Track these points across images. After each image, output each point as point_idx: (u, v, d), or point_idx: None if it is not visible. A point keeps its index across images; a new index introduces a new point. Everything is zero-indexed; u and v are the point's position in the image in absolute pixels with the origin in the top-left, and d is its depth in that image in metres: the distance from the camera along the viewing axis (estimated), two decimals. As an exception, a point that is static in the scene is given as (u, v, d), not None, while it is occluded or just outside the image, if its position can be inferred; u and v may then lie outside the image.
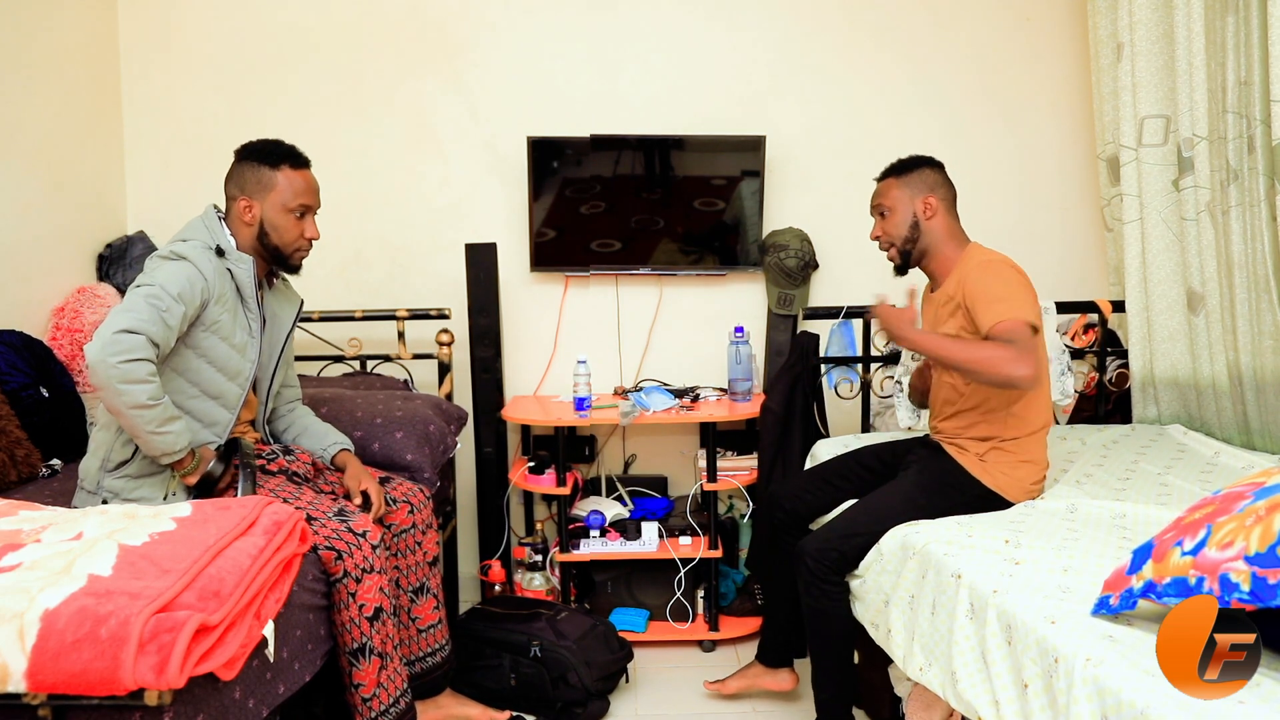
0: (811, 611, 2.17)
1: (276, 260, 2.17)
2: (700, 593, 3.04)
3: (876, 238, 2.34)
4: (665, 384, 3.29)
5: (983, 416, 2.20)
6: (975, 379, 2.08)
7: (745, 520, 3.17)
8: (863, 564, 2.12)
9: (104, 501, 1.98)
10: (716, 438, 3.00)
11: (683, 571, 2.99)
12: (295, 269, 2.21)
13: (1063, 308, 2.94)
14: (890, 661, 2.15)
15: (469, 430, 3.08)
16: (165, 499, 2.00)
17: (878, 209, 2.33)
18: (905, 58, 3.37)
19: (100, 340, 1.83)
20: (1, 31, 2.70)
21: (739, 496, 3.16)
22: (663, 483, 3.38)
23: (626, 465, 3.43)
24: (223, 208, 2.15)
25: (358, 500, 2.19)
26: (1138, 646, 1.36)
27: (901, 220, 2.27)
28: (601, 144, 3.26)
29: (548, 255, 3.30)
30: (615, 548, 3.01)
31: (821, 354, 2.93)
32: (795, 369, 2.82)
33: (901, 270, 2.35)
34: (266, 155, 2.13)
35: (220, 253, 2.05)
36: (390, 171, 3.36)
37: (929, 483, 2.19)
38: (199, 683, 1.40)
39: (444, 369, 3.17)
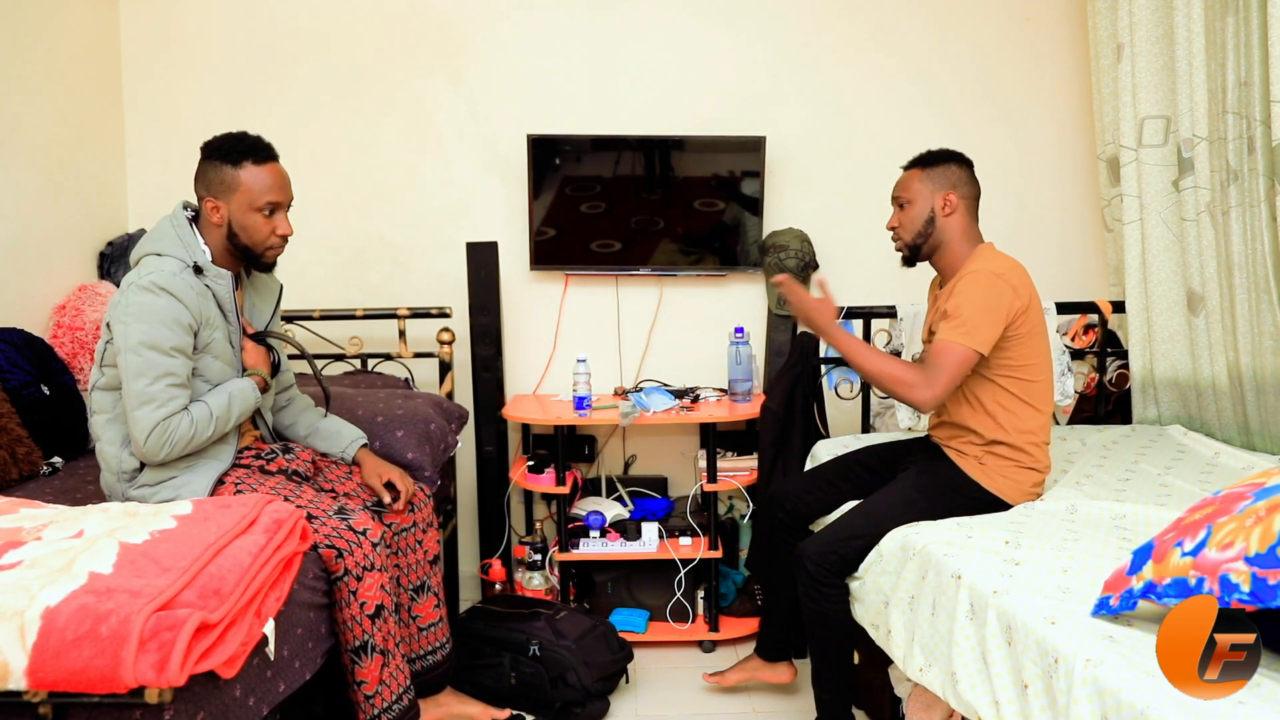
0: (811, 614, 2.17)
1: (248, 259, 2.10)
2: (700, 593, 3.04)
3: (892, 228, 2.32)
4: (665, 384, 3.29)
5: (978, 421, 2.19)
6: (881, 390, 2.21)
7: (745, 521, 3.17)
8: (862, 565, 2.12)
9: None
10: (716, 438, 3.01)
11: (683, 572, 2.99)
12: (269, 267, 2.14)
13: (1063, 308, 2.94)
14: (890, 662, 2.15)
15: (470, 429, 3.08)
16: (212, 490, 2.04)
17: (897, 200, 2.31)
18: (905, 58, 3.37)
19: (146, 446, 1.92)
20: (3, 30, 2.70)
21: (739, 497, 3.16)
22: (663, 483, 3.38)
23: (626, 466, 3.43)
24: (183, 211, 2.08)
25: (387, 498, 2.22)
26: (1138, 647, 1.37)
27: (919, 215, 2.25)
28: (602, 144, 3.26)
29: (548, 254, 3.30)
30: (615, 548, 3.01)
31: (821, 354, 2.93)
32: (795, 369, 2.82)
33: (909, 262, 2.34)
34: (228, 153, 2.04)
35: (198, 270, 1.99)
36: (391, 170, 3.36)
37: (928, 485, 2.19)
38: (199, 680, 1.40)
39: (445, 367, 3.18)
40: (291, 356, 2.31)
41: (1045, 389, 2.22)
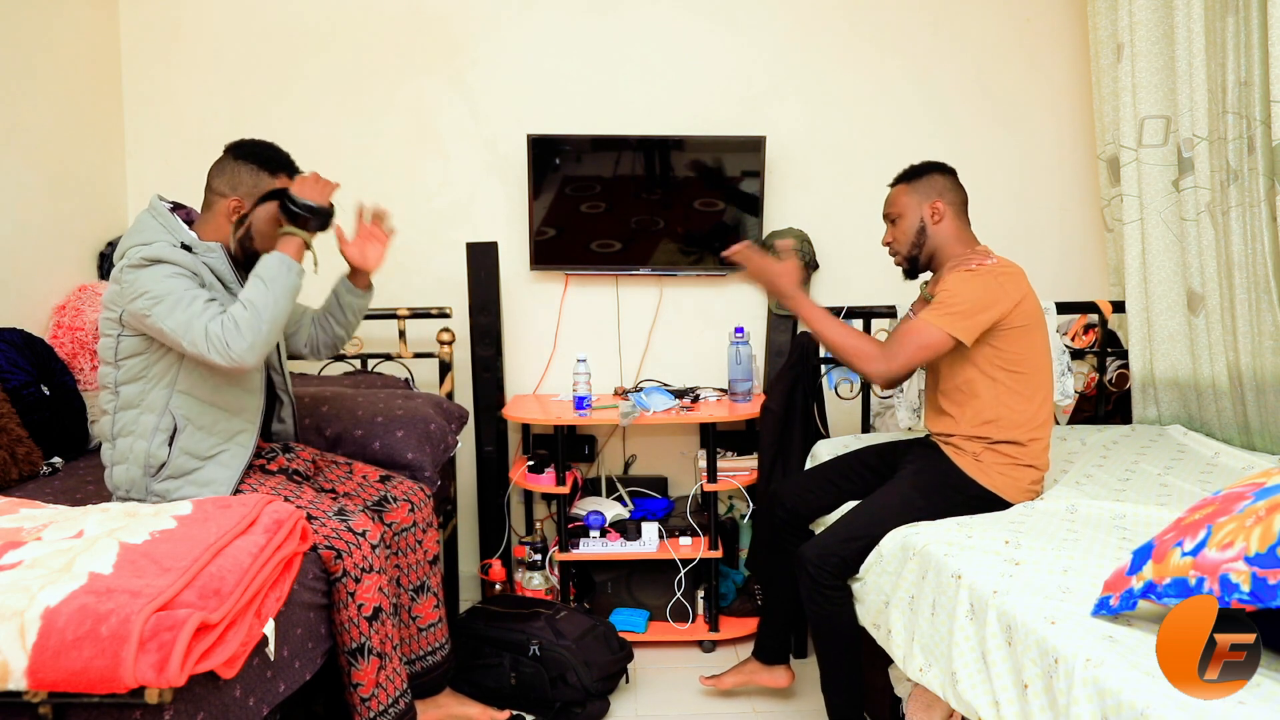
0: (816, 617, 2.17)
1: (247, 264, 2.07)
2: (700, 593, 3.04)
3: (887, 243, 2.37)
4: (665, 384, 3.29)
5: (976, 416, 2.20)
6: (841, 361, 2.24)
7: (745, 521, 3.17)
8: (863, 566, 2.12)
9: None
10: (716, 438, 3.00)
11: (683, 572, 2.99)
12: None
13: (1063, 308, 2.94)
14: (891, 662, 2.15)
15: (470, 429, 3.08)
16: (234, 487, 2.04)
17: (888, 217, 2.36)
18: (905, 58, 3.37)
19: (211, 348, 1.85)
20: (3, 30, 2.70)
21: (739, 497, 3.16)
22: (663, 483, 3.38)
23: (626, 466, 3.43)
24: (169, 199, 2.07)
25: (367, 256, 2.26)
26: (1138, 647, 1.37)
27: (909, 226, 2.30)
28: (602, 144, 3.26)
29: (547, 254, 3.30)
30: (615, 548, 3.01)
31: (822, 354, 2.93)
32: (795, 369, 2.82)
33: (911, 274, 2.37)
34: (266, 160, 2.06)
35: (187, 249, 1.99)
36: (391, 170, 3.36)
37: (926, 484, 2.19)
38: (199, 681, 1.40)
39: (445, 368, 3.18)
40: None
41: (1043, 384, 2.22)
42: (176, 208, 2.09)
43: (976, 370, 2.18)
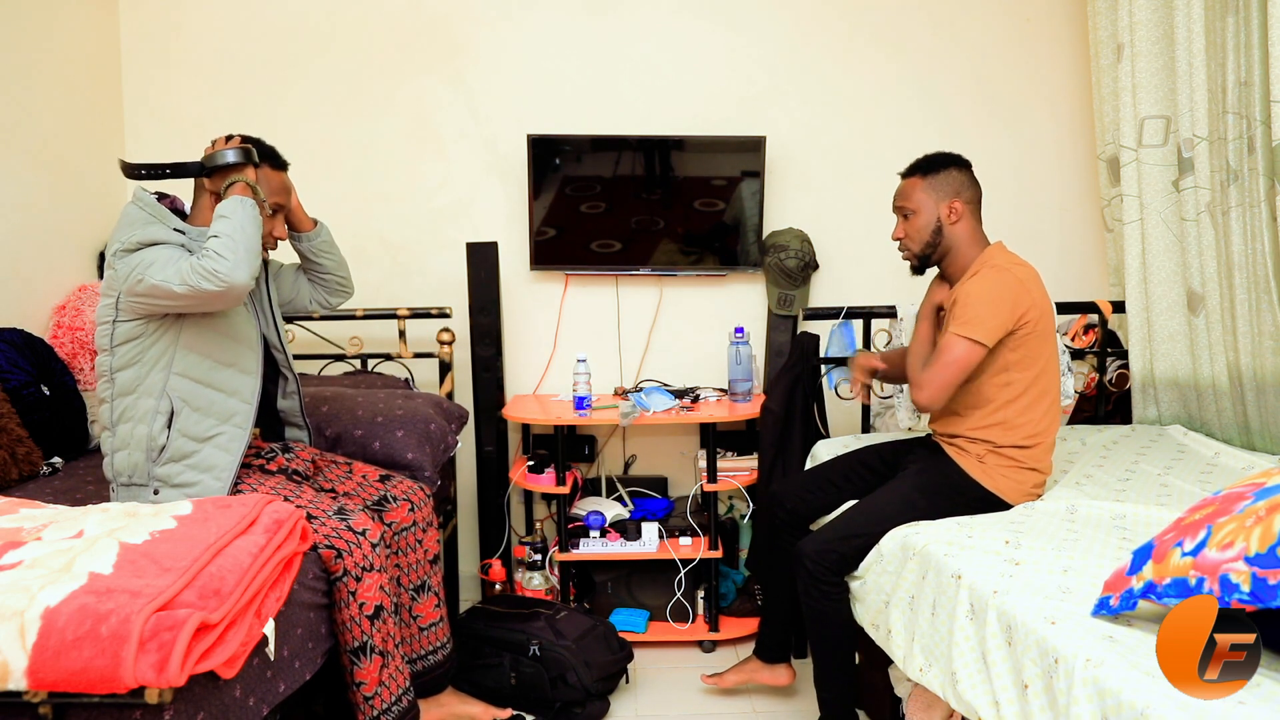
0: (812, 613, 2.17)
1: None
2: (700, 593, 3.04)
3: (898, 239, 2.30)
4: (665, 384, 3.29)
5: (982, 419, 2.19)
6: None
7: (745, 521, 3.17)
8: (863, 565, 2.12)
9: (155, 493, 2.00)
10: (716, 438, 3.00)
11: (683, 572, 2.99)
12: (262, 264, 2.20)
13: (1063, 308, 2.93)
14: (890, 662, 2.15)
15: (470, 429, 3.08)
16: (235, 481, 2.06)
17: (900, 210, 2.28)
18: (905, 58, 3.37)
19: (200, 281, 1.87)
20: (4, 31, 2.70)
21: (739, 497, 3.16)
22: (663, 483, 3.38)
23: (626, 466, 3.43)
24: (146, 192, 2.08)
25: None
26: (1138, 647, 1.37)
27: (925, 225, 2.23)
28: (602, 144, 3.26)
29: (548, 254, 3.30)
30: (615, 548, 3.01)
31: (822, 354, 2.93)
32: (795, 369, 2.82)
33: (918, 271, 2.33)
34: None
35: (181, 234, 2.01)
36: (391, 170, 3.36)
37: (928, 484, 2.19)
38: (199, 681, 1.40)
39: (445, 368, 3.18)
40: None
41: (1051, 389, 2.21)
42: (161, 197, 2.11)
43: (991, 373, 2.16)
